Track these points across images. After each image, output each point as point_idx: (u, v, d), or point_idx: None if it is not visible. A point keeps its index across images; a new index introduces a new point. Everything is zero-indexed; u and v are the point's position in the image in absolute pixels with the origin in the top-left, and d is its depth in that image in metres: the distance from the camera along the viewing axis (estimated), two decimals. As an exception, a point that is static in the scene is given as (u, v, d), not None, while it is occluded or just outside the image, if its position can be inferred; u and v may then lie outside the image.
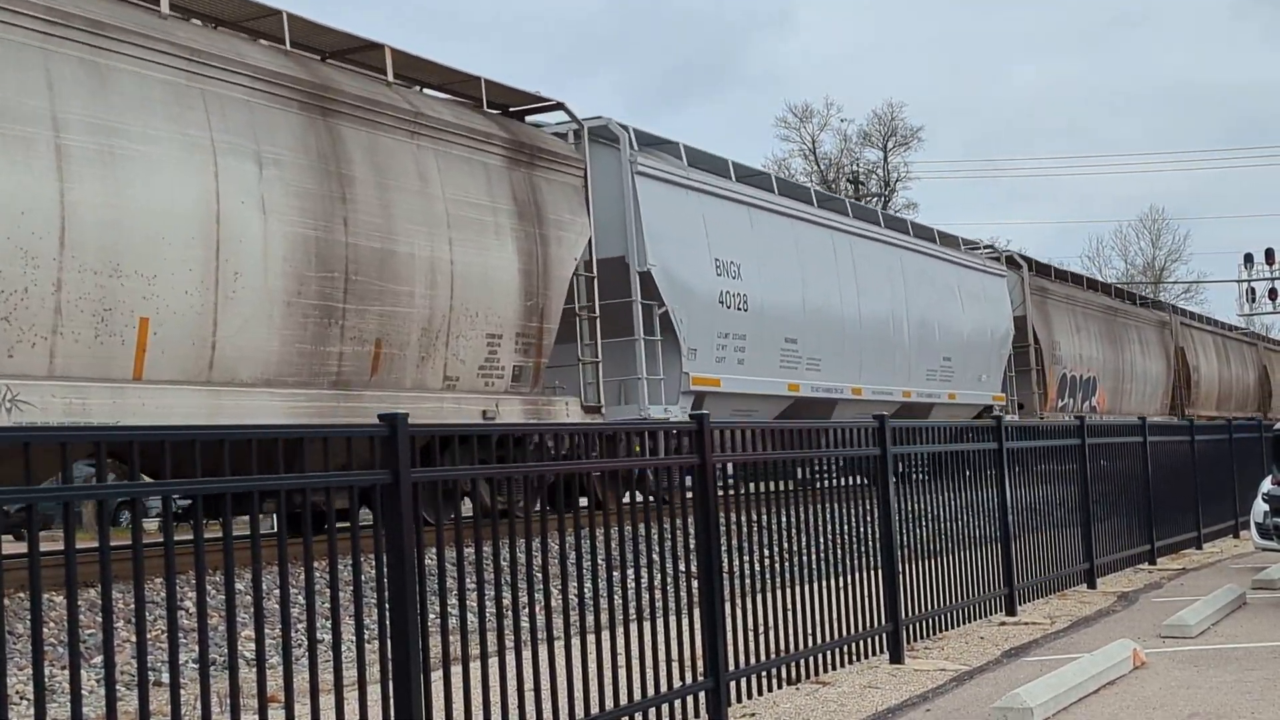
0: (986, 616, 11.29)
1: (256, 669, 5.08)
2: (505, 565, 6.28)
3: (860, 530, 9.51)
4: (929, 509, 10.48)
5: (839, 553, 9.20)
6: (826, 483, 9.28)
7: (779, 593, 8.39)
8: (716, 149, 21.44)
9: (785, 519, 8.69)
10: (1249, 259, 53.30)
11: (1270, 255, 52.31)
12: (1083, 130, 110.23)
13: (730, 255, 20.16)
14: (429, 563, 11.51)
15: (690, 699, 7.29)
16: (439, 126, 15.06)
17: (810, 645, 8.60)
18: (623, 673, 6.77)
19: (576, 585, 6.73)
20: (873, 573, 9.46)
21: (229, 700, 4.90)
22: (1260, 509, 13.31)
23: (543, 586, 6.50)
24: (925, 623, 10.16)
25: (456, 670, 5.86)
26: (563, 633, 6.59)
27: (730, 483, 8.54)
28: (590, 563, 6.90)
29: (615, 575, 7.15)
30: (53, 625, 9.76)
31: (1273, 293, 52.54)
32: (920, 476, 10.33)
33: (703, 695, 7.37)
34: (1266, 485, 13.26)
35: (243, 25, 13.91)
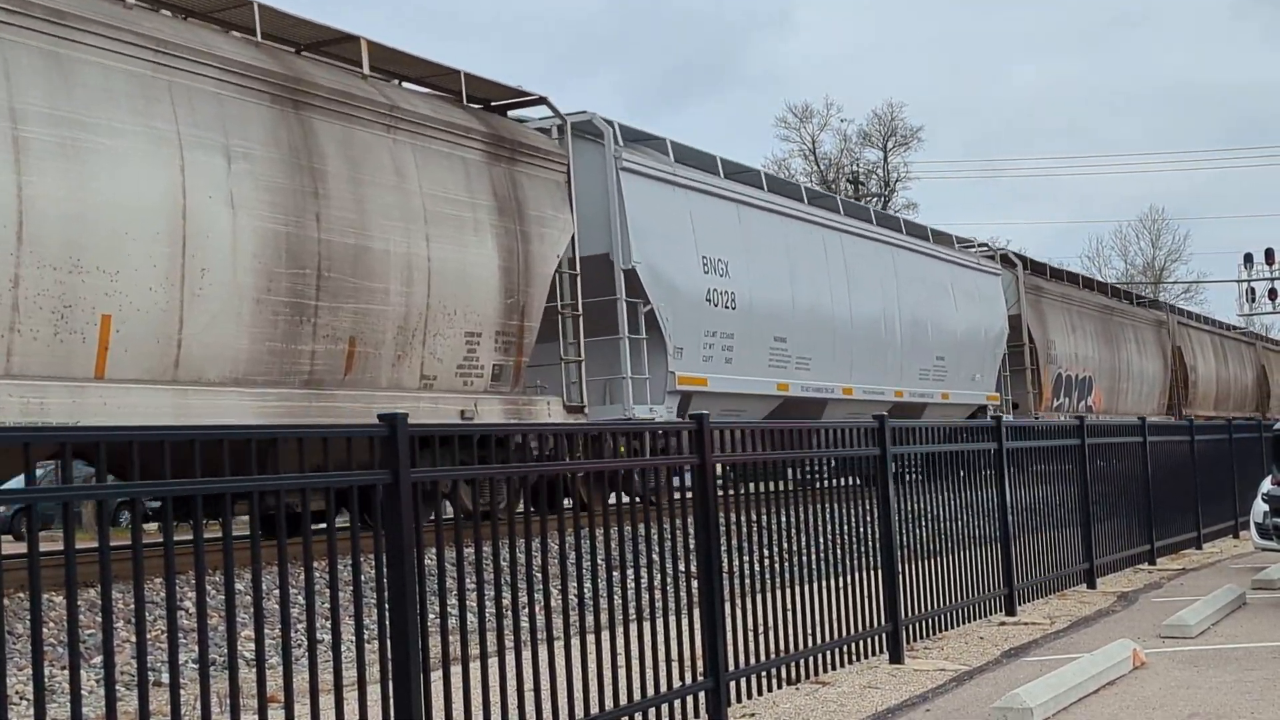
0: (986, 616, 11.29)
1: (256, 669, 5.08)
2: (505, 565, 6.28)
3: (860, 530, 9.51)
4: (929, 509, 10.48)
5: (839, 553, 9.20)
6: (818, 483, 9.26)
7: (779, 593, 8.38)
8: (717, 149, 21.27)
9: (785, 519, 8.69)
10: (1249, 259, 53.31)
11: (1270, 255, 52.30)
12: (1083, 130, 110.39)
13: (718, 252, 19.83)
14: (429, 563, 11.50)
15: (690, 699, 7.29)
16: (416, 120, 14.75)
17: (810, 645, 8.60)
18: (623, 673, 6.77)
19: (576, 585, 6.73)
20: (872, 573, 9.46)
21: (229, 700, 4.90)
22: (1260, 509, 13.31)
23: (542, 586, 6.50)
24: (925, 623, 10.16)
25: (456, 670, 5.86)
26: (563, 633, 6.59)
27: (721, 483, 8.45)
28: (590, 563, 6.90)
29: (615, 575, 7.15)
30: (52, 625, 9.76)
31: (1273, 293, 52.53)
32: (912, 477, 10.24)
33: (702, 695, 7.37)
34: (1266, 485, 13.26)
35: (213, 16, 13.62)
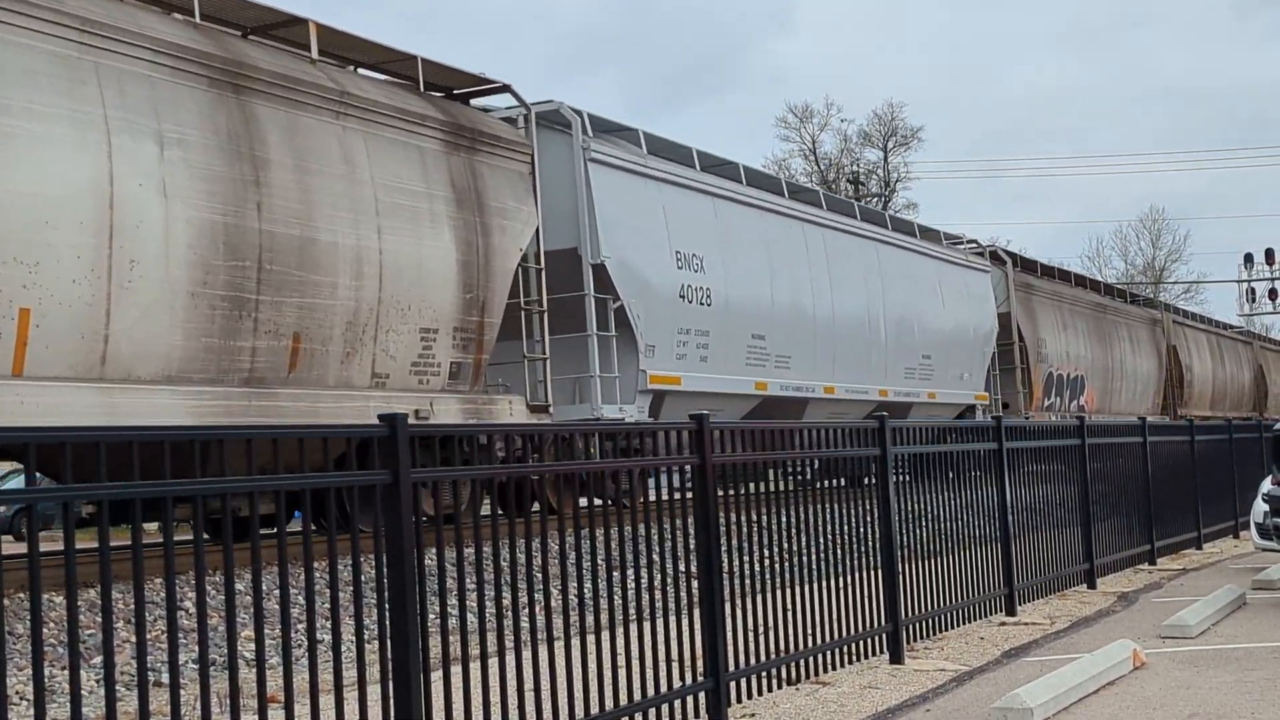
0: (986, 617, 11.29)
1: (256, 669, 5.08)
2: (505, 565, 6.28)
3: (860, 530, 9.51)
4: (929, 509, 10.48)
5: (839, 553, 9.20)
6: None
7: (779, 593, 8.39)
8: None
9: (785, 519, 8.69)
10: (1249, 259, 53.38)
11: (1270, 255, 52.36)
12: (1083, 130, 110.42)
13: (693, 247, 19.25)
14: (429, 563, 11.51)
15: (690, 699, 7.28)
16: (368, 107, 14.13)
17: (810, 645, 8.60)
18: (623, 673, 6.77)
19: (576, 585, 6.73)
20: (872, 573, 9.46)
21: (229, 700, 4.90)
22: (1260, 509, 13.32)
23: (543, 587, 6.50)
24: (925, 623, 10.16)
25: (456, 670, 5.87)
26: (563, 633, 6.59)
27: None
28: (590, 563, 6.90)
29: (615, 575, 7.15)
30: (52, 625, 9.76)
31: (1273, 293, 52.58)
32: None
33: (703, 695, 7.37)
34: (1266, 485, 13.26)
35: (151, -2, 12.95)
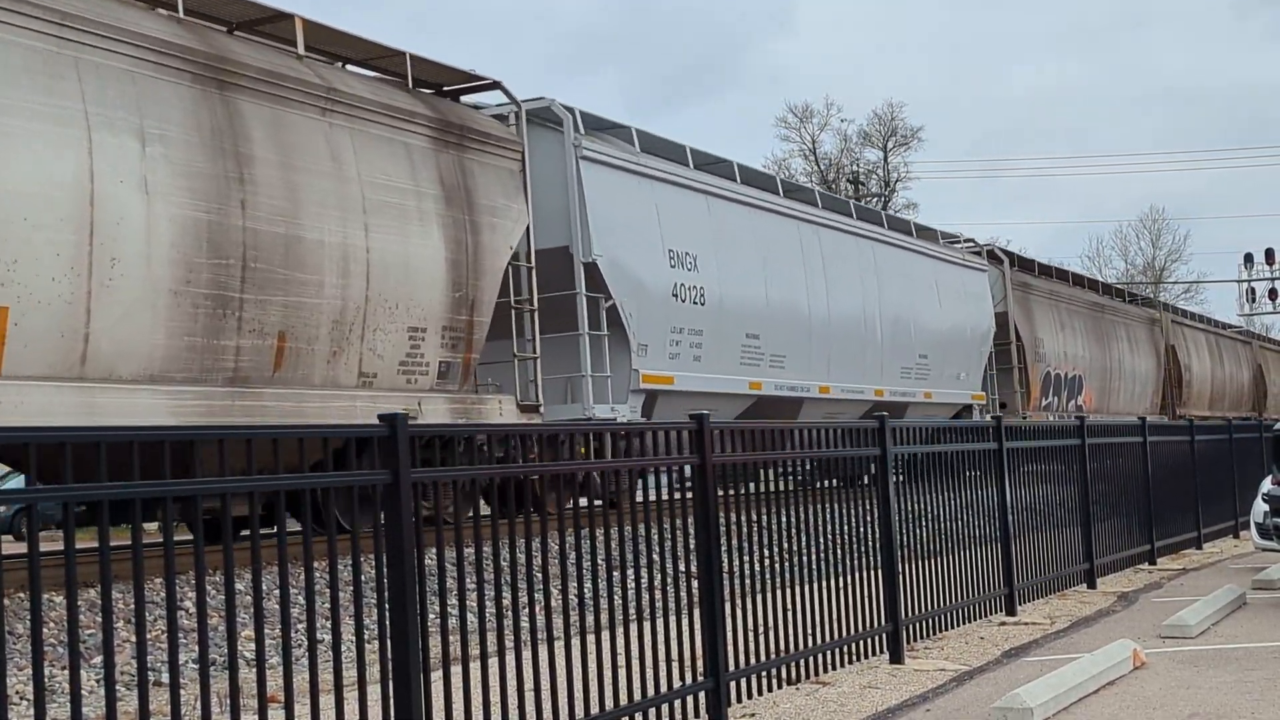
0: (986, 616, 11.29)
1: (256, 669, 5.08)
2: (505, 565, 6.28)
3: (860, 530, 9.51)
4: (929, 509, 10.48)
5: (839, 553, 9.20)
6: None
7: (779, 593, 8.39)
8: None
9: (785, 519, 8.69)
10: (1249, 259, 53.39)
11: (1270, 255, 52.35)
12: (1083, 130, 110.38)
13: (686, 246, 19.03)
14: (429, 563, 11.50)
15: (690, 699, 7.28)
16: (355, 104, 13.90)
17: (810, 645, 8.60)
18: (623, 673, 6.77)
19: (576, 585, 6.73)
20: (872, 573, 9.46)
21: (229, 700, 4.90)
22: (1260, 509, 13.32)
23: (543, 587, 6.50)
24: (925, 623, 10.16)
25: (456, 670, 5.87)
26: (563, 633, 6.59)
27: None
28: (590, 563, 6.90)
29: (615, 575, 7.15)
30: (53, 625, 9.76)
31: (1273, 293, 52.58)
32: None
33: (703, 695, 7.37)
34: (1266, 485, 13.27)
35: (132, -9, 12.65)
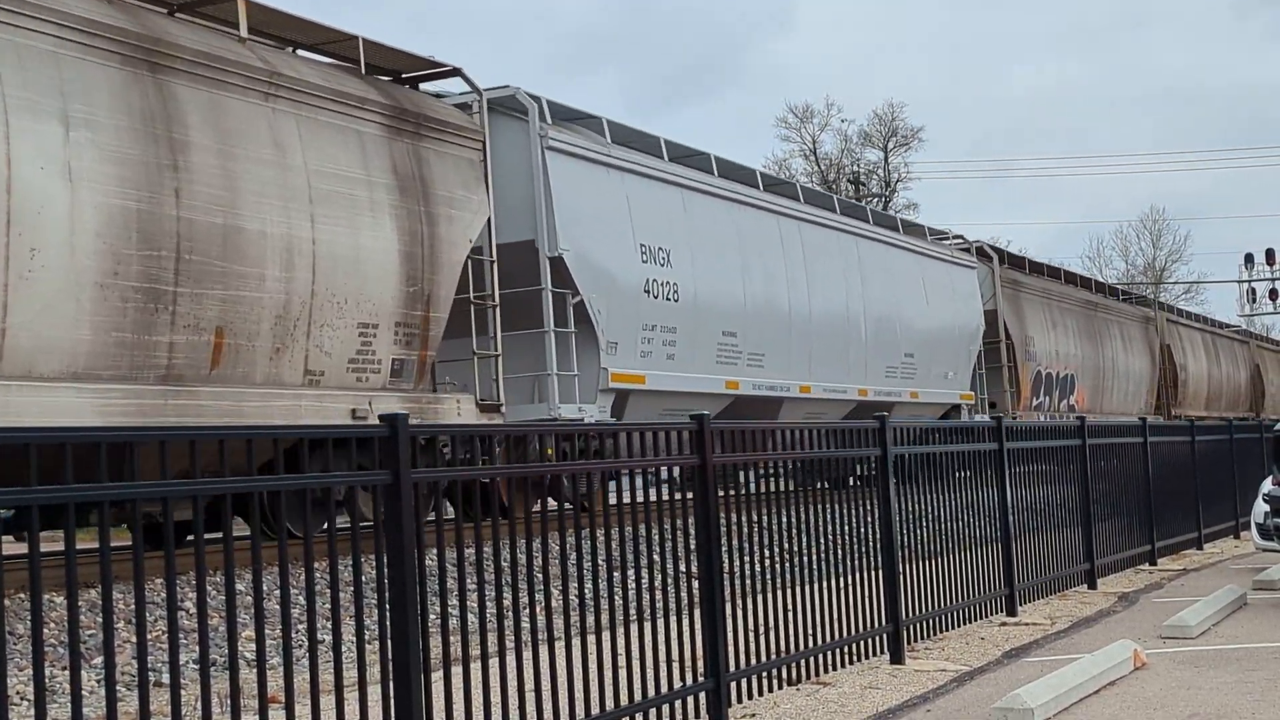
0: (987, 617, 11.29)
1: (257, 669, 5.08)
2: (505, 566, 6.28)
3: (860, 530, 9.50)
4: (929, 509, 10.48)
5: (839, 553, 9.20)
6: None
7: (779, 593, 8.39)
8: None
9: (785, 519, 8.70)
10: (1249, 259, 53.43)
11: (1271, 255, 52.39)
12: (1084, 131, 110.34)
13: (659, 241, 18.43)
14: (429, 563, 11.50)
15: (691, 699, 7.28)
16: (301, 89, 13.29)
17: (811, 646, 8.60)
18: (623, 673, 6.77)
19: (577, 586, 6.73)
20: (873, 573, 9.46)
21: (229, 700, 4.90)
22: (1261, 509, 13.32)
23: (543, 587, 6.50)
24: (926, 623, 10.16)
25: (457, 671, 5.87)
26: (563, 633, 6.59)
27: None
28: (591, 563, 6.89)
29: (616, 576, 7.15)
30: (53, 626, 9.76)
31: (1273, 293, 52.62)
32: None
33: (703, 696, 7.37)
34: (1267, 485, 13.27)
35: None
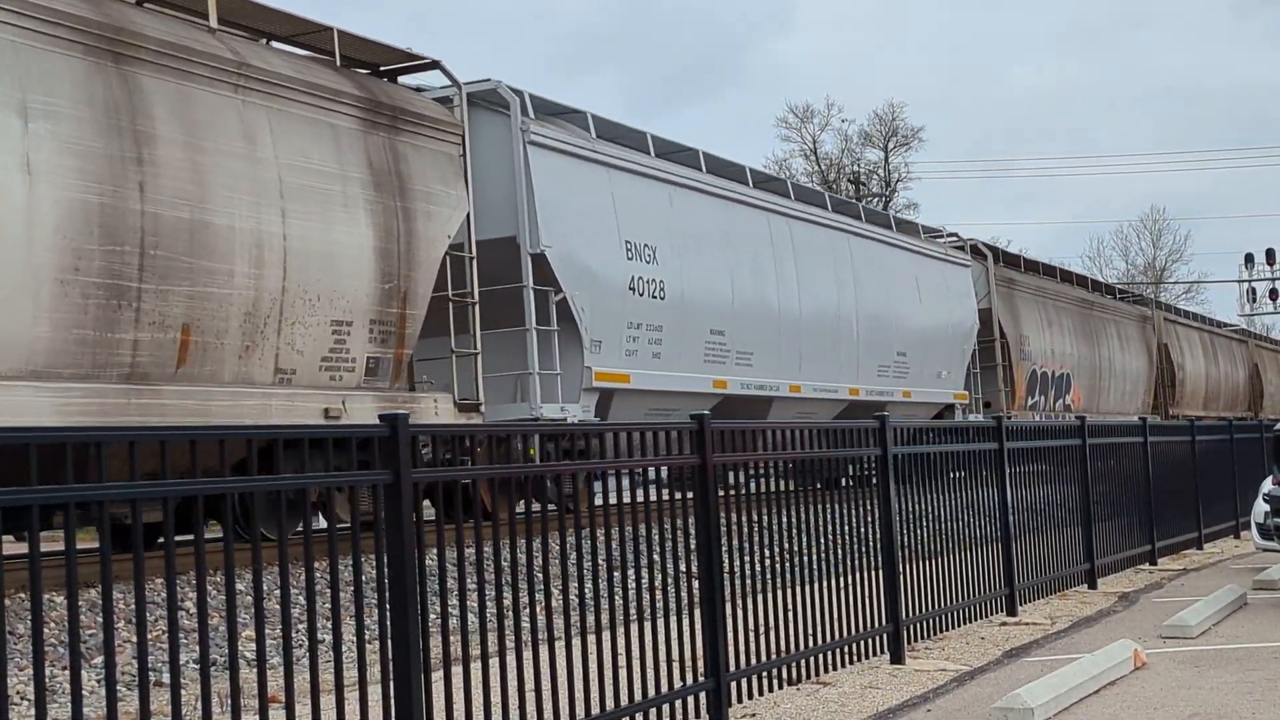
0: (987, 617, 11.29)
1: (257, 669, 5.08)
2: (506, 565, 6.28)
3: (860, 530, 9.51)
4: (929, 509, 10.48)
5: (839, 553, 9.20)
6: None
7: (779, 593, 8.39)
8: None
9: (785, 519, 8.70)
10: (1249, 259, 53.47)
11: (1271, 255, 52.44)
12: (1084, 130, 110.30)
13: (645, 237, 18.06)
14: (429, 563, 11.50)
15: (691, 699, 7.29)
16: (272, 81, 12.99)
17: (811, 645, 8.60)
18: (623, 673, 6.77)
19: (577, 585, 6.73)
20: (873, 573, 9.46)
21: (230, 700, 4.90)
22: (1261, 509, 13.33)
23: (543, 587, 6.50)
24: (926, 623, 10.16)
25: (457, 670, 5.87)
26: (563, 633, 6.59)
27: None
28: (591, 563, 6.89)
29: (616, 575, 7.15)
30: (53, 625, 9.76)
31: (1273, 293, 52.66)
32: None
33: (703, 695, 7.37)
34: (1267, 485, 13.28)
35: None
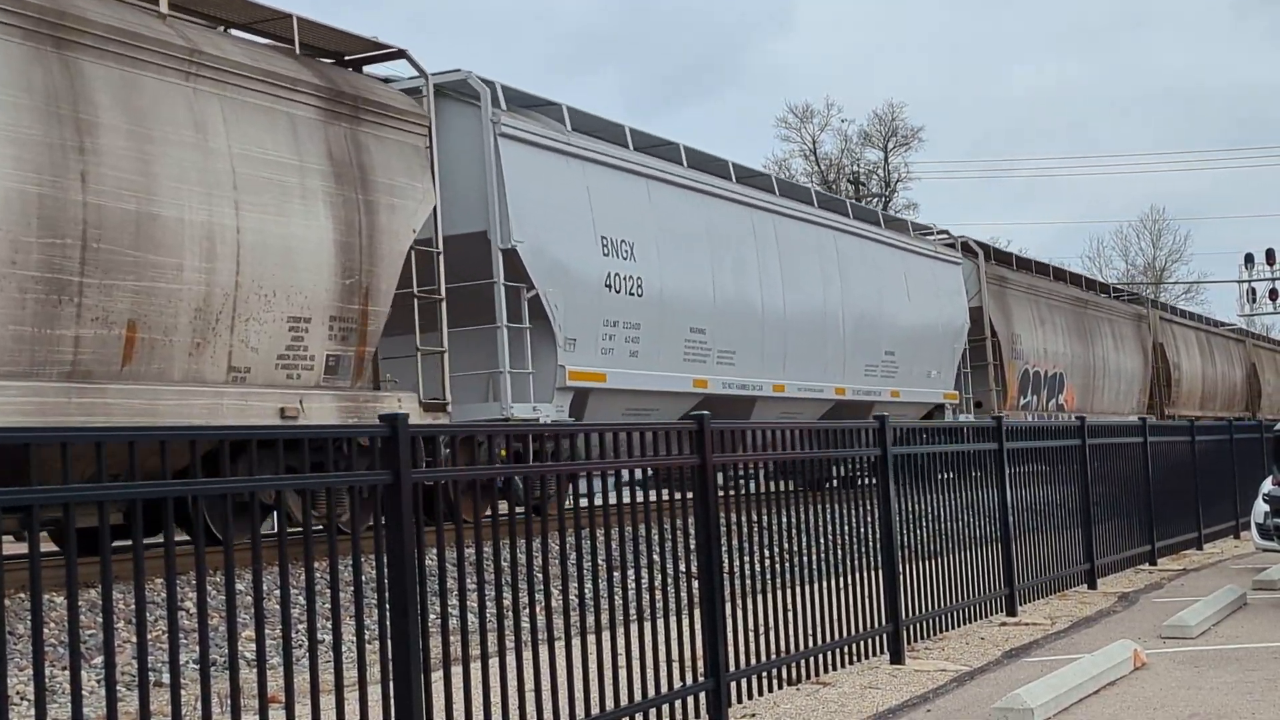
0: (987, 617, 11.29)
1: (257, 669, 5.08)
2: (505, 566, 6.28)
3: (860, 530, 9.51)
4: (929, 509, 10.49)
5: (839, 553, 9.21)
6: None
7: (779, 593, 8.39)
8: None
9: (785, 519, 8.70)
10: (1249, 259, 53.49)
11: (1271, 255, 52.47)
12: (1084, 131, 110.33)
13: (621, 233, 17.67)
14: (429, 563, 11.50)
15: (691, 699, 7.29)
16: (226, 68, 12.57)
17: (811, 646, 8.60)
18: (623, 673, 6.78)
19: (577, 586, 6.73)
20: (873, 573, 9.47)
21: (229, 700, 4.90)
22: (1261, 509, 13.32)
23: (543, 587, 6.50)
24: (926, 623, 10.16)
25: (457, 670, 5.87)
26: (563, 633, 6.59)
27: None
28: (590, 563, 6.89)
29: (616, 576, 7.15)
30: (53, 625, 9.76)
31: (1273, 293, 52.67)
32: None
33: (703, 696, 7.37)
34: (1267, 485, 13.27)
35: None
